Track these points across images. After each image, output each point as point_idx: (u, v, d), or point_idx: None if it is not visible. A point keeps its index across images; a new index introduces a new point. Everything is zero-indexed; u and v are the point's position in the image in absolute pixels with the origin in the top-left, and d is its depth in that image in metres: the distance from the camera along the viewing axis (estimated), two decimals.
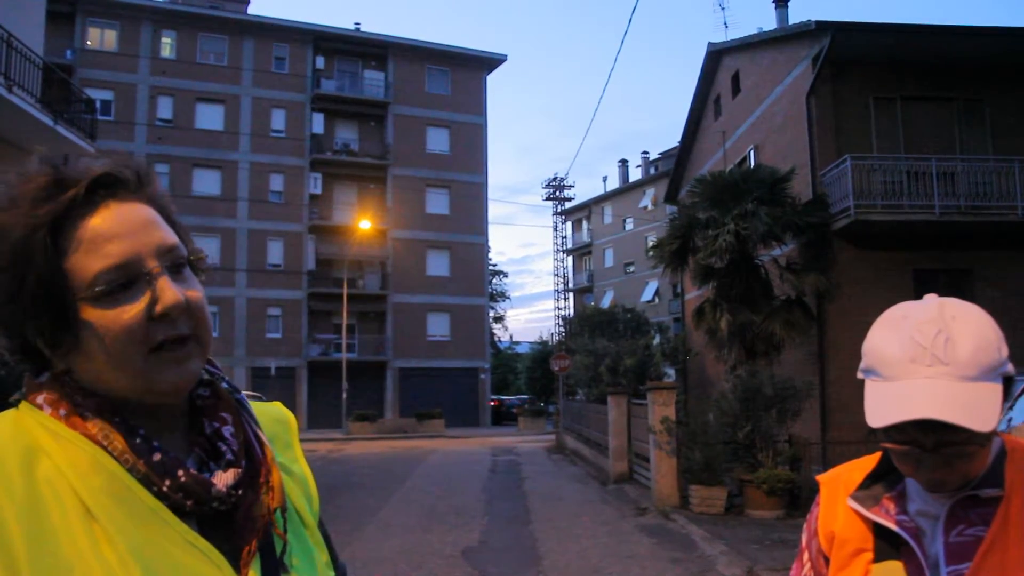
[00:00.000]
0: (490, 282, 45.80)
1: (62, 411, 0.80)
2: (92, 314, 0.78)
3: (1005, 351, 1.11)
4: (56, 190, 0.80)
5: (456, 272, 38.35)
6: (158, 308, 0.79)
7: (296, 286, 35.63)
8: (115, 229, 0.80)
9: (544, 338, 45.93)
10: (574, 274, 58.74)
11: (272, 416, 1.01)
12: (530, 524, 10.40)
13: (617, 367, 21.16)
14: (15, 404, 0.83)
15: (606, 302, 49.08)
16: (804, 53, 15.59)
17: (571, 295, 54.39)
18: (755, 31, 19.72)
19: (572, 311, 48.34)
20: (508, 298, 62.69)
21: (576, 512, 11.35)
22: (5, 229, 0.78)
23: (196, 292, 0.84)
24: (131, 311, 0.79)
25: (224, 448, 0.87)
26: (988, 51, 14.78)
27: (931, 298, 1.16)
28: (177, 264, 0.84)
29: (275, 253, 35.62)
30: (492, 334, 47.99)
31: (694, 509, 10.79)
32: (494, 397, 41.77)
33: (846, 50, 14.55)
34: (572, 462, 19.51)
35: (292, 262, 35.69)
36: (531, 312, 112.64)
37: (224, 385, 0.94)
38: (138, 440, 0.79)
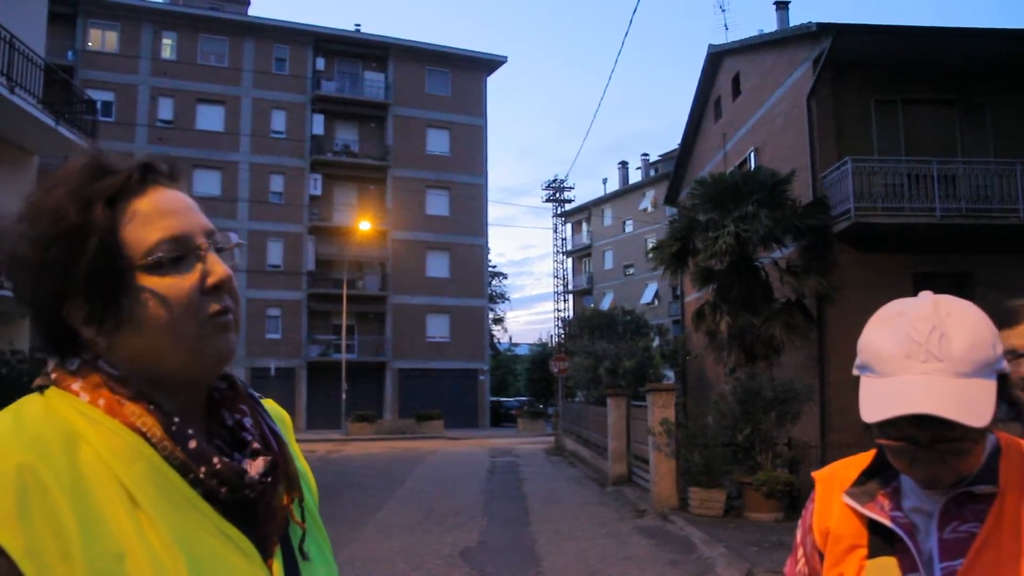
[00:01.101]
0: (490, 284, 45.80)
1: (101, 400, 0.80)
2: (150, 282, 0.81)
3: (1000, 348, 1.11)
4: (103, 172, 0.84)
5: (456, 273, 38.36)
6: (211, 280, 0.84)
7: (296, 287, 35.65)
8: (169, 206, 0.85)
9: (543, 340, 45.95)
10: (574, 276, 58.73)
11: (272, 414, 1.03)
12: (529, 525, 10.40)
13: (616, 369, 21.16)
14: (38, 390, 0.83)
15: (606, 304, 49.12)
16: (805, 55, 15.60)
17: (571, 297, 54.34)
18: (756, 33, 19.74)
19: (572, 313, 48.30)
20: (508, 300, 62.77)
21: (575, 514, 11.35)
22: (58, 206, 0.81)
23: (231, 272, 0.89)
24: (188, 281, 0.83)
25: (249, 438, 0.89)
26: (990, 54, 14.77)
27: (926, 295, 1.16)
28: (217, 247, 0.89)
29: (275, 254, 35.64)
30: (491, 336, 47.98)
31: (693, 511, 10.79)
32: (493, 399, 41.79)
33: (847, 52, 14.56)
34: (571, 464, 19.50)
35: (292, 263, 35.71)
36: (530, 314, 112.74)
37: (239, 382, 0.97)
38: (174, 427, 0.80)
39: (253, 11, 40.31)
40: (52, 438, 0.75)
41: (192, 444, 0.80)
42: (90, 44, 34.26)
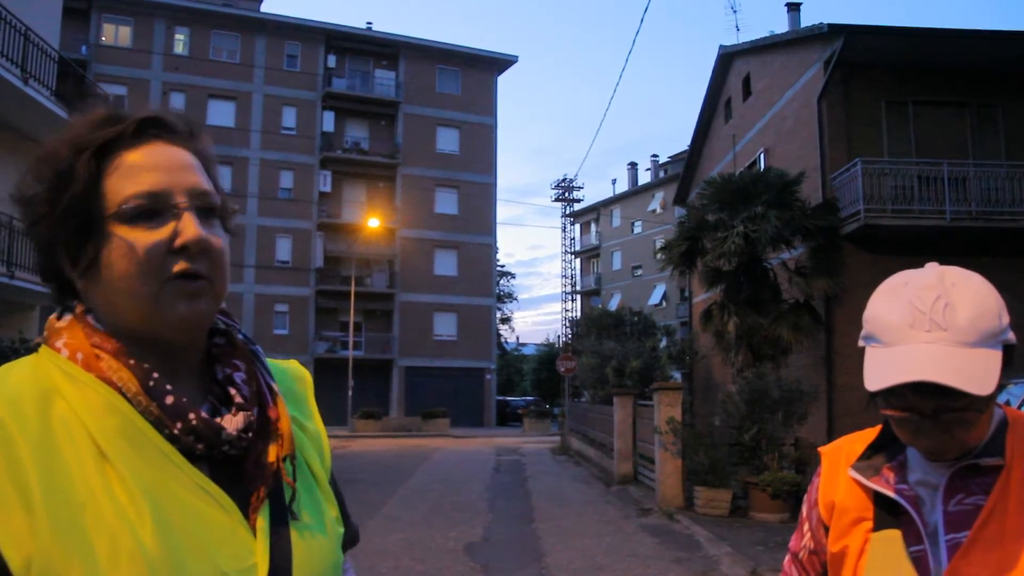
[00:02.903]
0: (497, 283, 45.81)
1: (79, 354, 0.82)
2: (119, 230, 0.82)
3: (1006, 318, 1.11)
4: (108, 124, 0.86)
5: (464, 272, 38.38)
6: (179, 240, 0.82)
7: (304, 283, 35.74)
8: (153, 162, 0.85)
9: (551, 340, 45.91)
10: (582, 276, 58.65)
11: (289, 372, 1.05)
12: (533, 522, 10.40)
13: (623, 369, 21.12)
14: (35, 349, 0.85)
15: (613, 305, 49.02)
16: (816, 56, 15.55)
17: (578, 297, 54.32)
18: (767, 34, 19.70)
19: (579, 314, 48.27)
20: (515, 299, 62.73)
21: (579, 511, 11.35)
22: (55, 152, 0.85)
23: (219, 239, 0.87)
24: (154, 236, 0.82)
25: (234, 392, 0.88)
26: (1002, 56, 14.70)
27: (932, 266, 1.16)
28: (206, 208, 0.87)
29: (283, 250, 35.74)
30: (499, 335, 47.99)
31: (698, 510, 10.77)
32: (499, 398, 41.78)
33: (858, 53, 14.51)
34: (576, 463, 19.49)
35: (300, 259, 35.80)
36: (538, 314, 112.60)
37: (240, 336, 0.96)
38: (152, 383, 0.81)
39: (265, 8, 40.44)
40: (27, 395, 0.77)
41: (168, 400, 0.80)
42: (103, 39, 34.45)
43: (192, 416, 0.81)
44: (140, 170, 0.84)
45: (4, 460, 0.72)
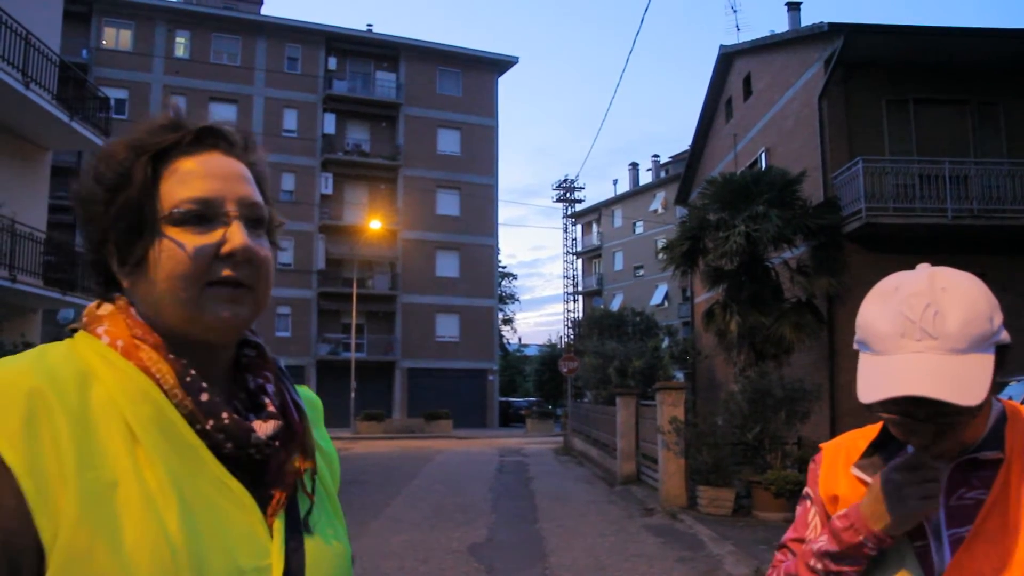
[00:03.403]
0: (499, 284, 45.82)
1: (120, 342, 0.83)
2: (170, 231, 0.84)
3: (998, 320, 1.10)
4: (169, 130, 0.89)
5: (465, 273, 38.39)
6: (226, 247, 0.85)
7: (306, 285, 35.76)
8: (208, 170, 0.88)
9: (553, 341, 45.91)
10: (583, 277, 58.67)
11: (305, 397, 1.06)
12: (536, 523, 10.40)
13: (626, 369, 21.14)
14: (70, 334, 0.87)
15: (615, 305, 49.02)
16: (816, 55, 15.56)
17: (580, 298, 54.32)
18: (768, 34, 19.71)
19: (581, 314, 48.28)
20: (517, 300, 62.78)
21: (583, 512, 11.35)
22: (114, 153, 0.88)
23: (266, 251, 0.90)
24: (202, 240, 0.85)
25: (267, 401, 0.91)
26: (1003, 54, 14.70)
27: (923, 267, 1.16)
28: (255, 219, 0.90)
29: (285, 252, 35.74)
30: (501, 336, 47.99)
31: (701, 510, 10.77)
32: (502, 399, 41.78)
33: (859, 52, 14.51)
34: (579, 463, 19.49)
35: (302, 261, 35.82)
36: (540, 315, 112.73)
37: (268, 352, 0.99)
38: (189, 379, 0.83)
39: (266, 10, 40.55)
40: (67, 373, 0.78)
41: (204, 397, 0.82)
42: (104, 42, 34.51)
43: (225, 415, 0.82)
44: (195, 176, 0.87)
45: (46, 429, 0.73)
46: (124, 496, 0.74)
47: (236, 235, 0.85)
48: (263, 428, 0.86)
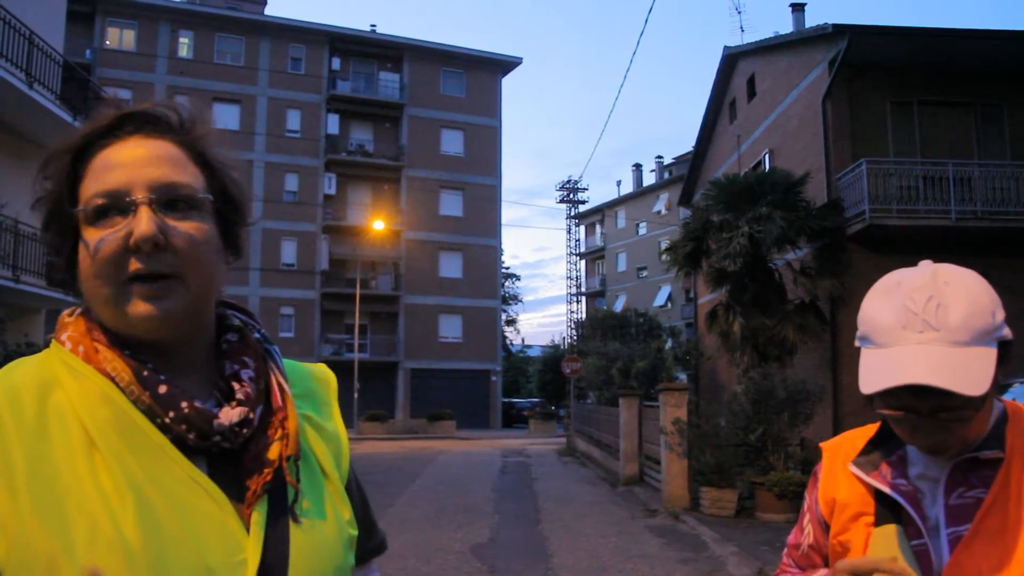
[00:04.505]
0: (503, 285, 45.82)
1: (80, 347, 0.83)
2: (85, 232, 0.83)
3: (1000, 315, 1.10)
4: (94, 122, 0.87)
5: (469, 274, 38.41)
6: (132, 239, 0.81)
7: (309, 286, 35.80)
8: (119, 160, 0.84)
9: (556, 341, 45.87)
10: (587, 278, 58.63)
11: (313, 374, 1.03)
12: (539, 523, 10.40)
13: (629, 370, 21.12)
14: (47, 344, 0.87)
15: (619, 306, 49.01)
16: (820, 57, 15.54)
17: (583, 299, 54.26)
18: (771, 35, 19.69)
19: (584, 315, 48.24)
20: (521, 301, 62.76)
21: (585, 512, 11.34)
22: (51, 155, 0.87)
23: (186, 230, 0.83)
24: (110, 235, 0.81)
25: (237, 387, 0.88)
26: (1007, 55, 14.68)
27: (925, 264, 1.16)
28: (173, 200, 0.84)
29: (289, 253, 35.80)
30: (504, 337, 48.00)
31: (704, 511, 10.76)
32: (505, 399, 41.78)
33: (863, 54, 14.49)
34: (582, 464, 19.49)
35: (305, 262, 35.86)
36: (543, 316, 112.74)
37: (256, 335, 0.96)
38: (145, 373, 0.81)
39: (269, 11, 40.60)
40: (28, 385, 0.79)
41: (162, 389, 0.80)
42: (108, 43, 34.58)
43: (184, 404, 0.80)
44: (104, 169, 0.83)
45: None
46: (77, 502, 0.74)
47: (140, 223, 0.80)
48: (228, 415, 0.82)
